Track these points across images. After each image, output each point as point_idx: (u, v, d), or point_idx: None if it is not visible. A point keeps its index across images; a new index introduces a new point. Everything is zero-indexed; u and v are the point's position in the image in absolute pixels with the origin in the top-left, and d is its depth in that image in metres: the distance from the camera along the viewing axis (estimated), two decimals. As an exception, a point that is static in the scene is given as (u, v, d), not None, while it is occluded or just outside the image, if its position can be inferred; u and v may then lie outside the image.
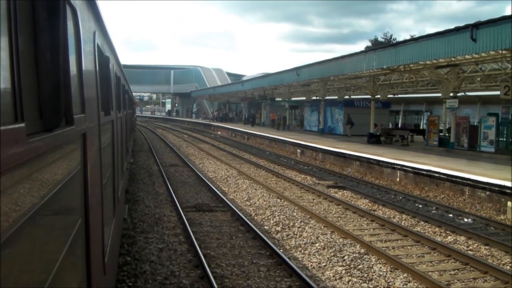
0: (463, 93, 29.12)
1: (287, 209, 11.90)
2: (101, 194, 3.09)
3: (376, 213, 12.11)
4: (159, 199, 12.97)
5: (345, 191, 14.90)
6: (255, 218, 11.19)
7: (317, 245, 8.84)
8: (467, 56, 18.41)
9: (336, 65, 22.53)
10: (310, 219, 10.95)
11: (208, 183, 15.64)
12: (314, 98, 42.95)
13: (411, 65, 20.52)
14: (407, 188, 16.31)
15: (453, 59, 19.48)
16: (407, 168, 17.02)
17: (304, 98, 44.42)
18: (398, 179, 17.49)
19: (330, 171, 20.34)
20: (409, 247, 9.29)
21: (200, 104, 76.01)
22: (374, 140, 26.24)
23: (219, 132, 46.12)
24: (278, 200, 13.05)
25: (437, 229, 10.69)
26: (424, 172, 16.05)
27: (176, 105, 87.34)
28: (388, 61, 17.72)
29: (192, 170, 19.12)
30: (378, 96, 28.31)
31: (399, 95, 38.67)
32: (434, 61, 20.08)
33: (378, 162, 18.78)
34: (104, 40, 4.14)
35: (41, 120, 1.56)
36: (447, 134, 24.73)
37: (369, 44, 68.36)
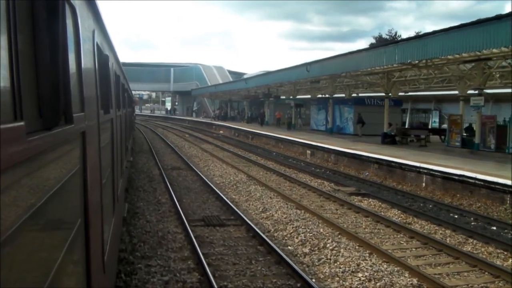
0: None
1: (310, 223, 10.27)
2: (100, 192, 3.02)
3: (412, 227, 10.49)
4: (161, 211, 11.33)
5: (370, 200, 13.26)
6: (275, 235, 9.54)
7: (359, 275, 7.19)
8: (494, 50, 16.85)
9: (352, 60, 20.81)
10: (340, 237, 9.32)
11: (216, 189, 14.00)
12: (320, 96, 41.26)
13: (434, 60, 18.91)
14: (436, 194, 14.71)
15: (478, 53, 17.95)
16: (435, 173, 15.40)
17: (309, 96, 42.72)
18: (424, 184, 15.87)
19: (345, 174, 18.75)
20: (466, 274, 7.67)
21: (201, 102, 74.27)
22: (389, 140, 24.60)
23: (221, 132, 44.47)
24: (298, 211, 11.42)
25: (490, 248, 9.08)
26: (456, 178, 14.43)
27: (176, 103, 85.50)
28: (413, 54, 16.03)
29: (197, 174, 17.49)
30: (389, 94, 26.67)
31: (409, 93, 37.14)
32: (457, 56, 18.52)
33: (400, 165, 17.17)
34: (103, 39, 4.05)
35: (41, 119, 1.55)
36: (464, 134, 23.18)
37: (373, 41, 66.62)
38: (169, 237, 8.98)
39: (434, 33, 14.98)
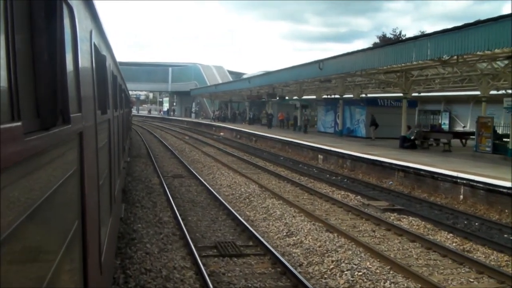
0: (504, 91, 25.67)
1: (350, 252, 8.24)
2: (97, 193, 2.98)
3: (474, 256, 8.50)
4: (164, 234, 9.26)
5: (410, 218, 11.25)
6: (311, 271, 7.49)
7: None
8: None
9: (373, 57, 18.78)
10: (394, 274, 7.31)
11: (226, 204, 11.98)
12: (325, 96, 39.25)
13: (465, 56, 16.97)
14: (478, 209, 12.75)
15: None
16: (476, 184, 13.41)
17: (314, 96, 40.68)
18: (461, 196, 13.88)
19: (366, 183, 16.80)
20: None
21: (200, 103, 72.21)
22: (408, 144, 22.63)
23: (221, 133, 42.46)
24: (330, 235, 9.39)
25: None
26: (505, 191, 12.44)
27: (175, 104, 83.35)
28: (450, 48, 14.03)
29: (201, 183, 15.47)
30: (407, 94, 24.72)
31: (420, 94, 35.25)
32: (488, 52, 16.62)
33: (432, 174, 15.18)
34: (100, 39, 3.97)
35: (38, 119, 1.53)
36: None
37: (377, 41, 64.82)
38: (175, 276, 6.92)
39: (477, 23, 13.00)
